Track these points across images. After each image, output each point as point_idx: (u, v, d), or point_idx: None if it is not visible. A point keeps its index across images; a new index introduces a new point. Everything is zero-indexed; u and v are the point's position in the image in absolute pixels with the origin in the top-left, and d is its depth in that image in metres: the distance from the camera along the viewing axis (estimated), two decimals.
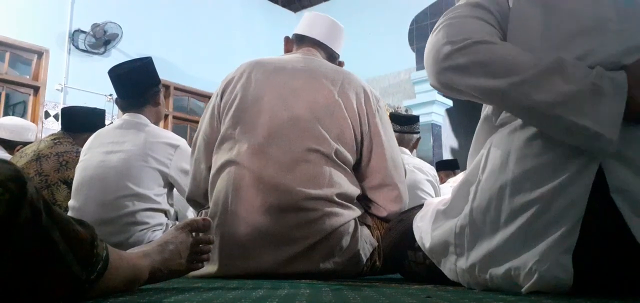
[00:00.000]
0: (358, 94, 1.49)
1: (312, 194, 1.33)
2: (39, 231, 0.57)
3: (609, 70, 0.84)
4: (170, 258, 0.97)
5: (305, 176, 1.34)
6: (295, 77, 1.47)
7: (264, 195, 1.33)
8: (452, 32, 0.93)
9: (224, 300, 0.77)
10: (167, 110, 5.83)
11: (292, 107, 1.41)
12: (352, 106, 1.46)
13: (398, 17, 6.21)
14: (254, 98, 1.44)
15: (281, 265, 1.32)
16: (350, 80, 1.50)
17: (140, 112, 2.06)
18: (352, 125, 1.44)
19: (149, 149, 1.93)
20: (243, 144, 1.39)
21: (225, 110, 1.48)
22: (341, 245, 1.35)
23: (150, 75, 2.13)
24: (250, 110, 1.43)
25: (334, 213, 1.35)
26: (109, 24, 5.21)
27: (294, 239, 1.32)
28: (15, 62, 5.18)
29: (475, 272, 0.93)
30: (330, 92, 1.44)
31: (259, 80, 1.47)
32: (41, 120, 4.87)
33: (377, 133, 1.49)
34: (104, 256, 0.72)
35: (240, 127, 1.42)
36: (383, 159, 1.48)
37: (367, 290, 0.95)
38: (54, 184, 2.20)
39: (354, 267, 1.39)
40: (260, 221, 1.33)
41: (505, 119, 0.95)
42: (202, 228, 1.05)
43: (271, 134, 1.38)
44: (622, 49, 0.87)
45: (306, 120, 1.39)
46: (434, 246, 1.04)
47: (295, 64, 1.52)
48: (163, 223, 1.94)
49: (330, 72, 1.51)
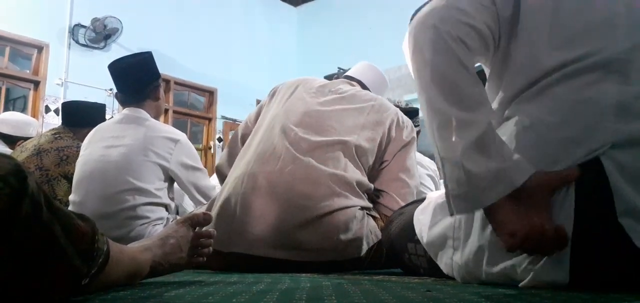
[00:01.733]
0: (392, 119, 1.58)
1: (326, 171, 1.40)
2: (40, 225, 0.57)
3: (616, 66, 0.84)
4: (171, 252, 0.97)
5: (322, 159, 1.43)
6: (330, 99, 1.61)
7: (274, 200, 1.40)
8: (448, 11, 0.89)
9: (224, 293, 0.78)
10: (167, 104, 5.83)
11: (323, 125, 1.52)
12: (383, 122, 1.56)
13: (398, 11, 6.20)
14: (290, 110, 1.57)
15: (283, 236, 1.36)
16: (386, 105, 1.62)
17: (141, 106, 2.06)
18: (378, 137, 1.53)
19: (150, 143, 1.93)
20: (264, 144, 1.50)
21: (262, 110, 1.68)
22: (347, 225, 1.38)
23: (150, 69, 2.13)
24: (283, 121, 1.54)
25: (343, 195, 1.40)
26: (109, 18, 5.21)
27: (297, 206, 1.37)
28: (16, 56, 5.18)
29: (471, 267, 0.93)
30: (363, 108, 1.57)
31: (297, 97, 1.62)
32: (41, 115, 4.87)
33: (401, 149, 1.58)
34: (104, 250, 0.72)
35: (264, 125, 1.58)
36: (402, 168, 1.58)
37: (368, 284, 0.95)
38: (54, 179, 2.20)
39: (355, 250, 1.40)
40: (265, 200, 1.39)
41: (509, 113, 0.94)
42: (203, 223, 1.06)
43: (295, 147, 1.46)
44: (630, 45, 0.87)
45: (332, 142, 1.48)
46: (432, 239, 1.04)
47: (332, 89, 1.66)
48: (164, 218, 1.95)
49: (366, 95, 1.66)
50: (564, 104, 0.86)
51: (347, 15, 6.72)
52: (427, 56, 0.88)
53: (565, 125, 0.84)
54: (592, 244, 0.82)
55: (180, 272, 1.13)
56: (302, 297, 0.74)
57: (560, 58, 0.88)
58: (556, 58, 0.88)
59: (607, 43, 0.87)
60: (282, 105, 1.61)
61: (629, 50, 0.86)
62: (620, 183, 0.79)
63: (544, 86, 0.89)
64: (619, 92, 0.84)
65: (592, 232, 0.82)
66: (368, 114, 1.57)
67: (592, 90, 0.85)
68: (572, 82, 0.86)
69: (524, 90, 0.91)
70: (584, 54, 0.87)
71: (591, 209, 0.81)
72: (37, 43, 4.96)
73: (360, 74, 1.83)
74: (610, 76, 0.85)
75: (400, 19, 7.10)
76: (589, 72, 0.86)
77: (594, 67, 0.86)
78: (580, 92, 0.85)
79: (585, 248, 0.82)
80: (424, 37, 0.89)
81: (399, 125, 1.60)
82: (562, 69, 0.88)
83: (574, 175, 0.80)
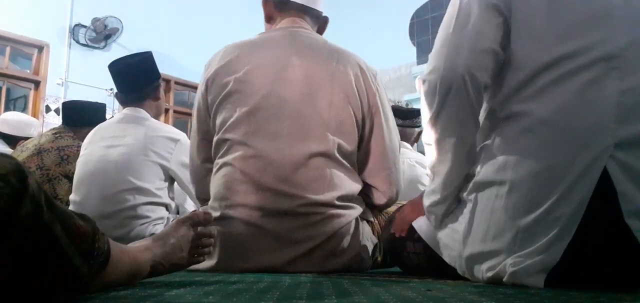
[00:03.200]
0: (355, 73, 1.39)
1: (313, 200, 1.29)
2: (40, 225, 0.57)
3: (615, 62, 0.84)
4: (171, 252, 0.97)
5: (305, 181, 1.29)
6: (287, 64, 1.37)
7: (262, 199, 1.30)
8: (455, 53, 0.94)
9: (225, 293, 0.78)
10: (168, 104, 5.83)
11: (288, 104, 1.33)
12: (351, 89, 1.37)
13: (399, 10, 6.20)
14: (246, 93, 1.35)
15: (281, 267, 1.29)
16: (345, 59, 1.40)
17: (141, 106, 2.07)
18: (352, 112, 1.37)
19: (150, 143, 1.93)
20: (239, 147, 1.33)
21: (215, 105, 1.39)
22: (342, 246, 1.32)
23: (150, 69, 2.13)
24: (245, 110, 1.35)
25: (336, 215, 1.31)
26: (110, 18, 5.21)
27: (294, 241, 1.29)
28: (16, 56, 5.18)
29: (472, 262, 0.94)
30: (326, 78, 1.36)
31: (252, 74, 1.36)
32: (42, 115, 4.87)
33: (377, 113, 1.42)
34: (105, 249, 0.72)
35: (235, 127, 1.35)
36: (382, 140, 1.42)
37: (368, 283, 0.95)
38: (55, 178, 2.20)
39: (358, 265, 1.38)
40: (260, 222, 1.29)
41: (511, 114, 0.93)
42: (203, 222, 1.06)
43: (269, 138, 1.32)
44: (627, 40, 0.85)
45: (305, 117, 1.32)
46: (434, 234, 1.05)
47: (284, 44, 1.40)
48: (164, 217, 1.95)
49: (323, 51, 1.40)
50: (566, 106, 0.85)
51: (347, 14, 6.71)
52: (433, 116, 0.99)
53: (568, 129, 0.84)
54: (596, 245, 0.82)
55: (181, 272, 1.13)
56: (302, 296, 0.73)
57: (559, 51, 0.87)
58: (554, 52, 0.87)
59: (606, 35, 0.86)
60: (244, 117, 1.38)
61: (628, 44, 0.85)
62: (625, 184, 0.80)
63: (544, 84, 0.88)
64: (619, 92, 0.83)
65: (595, 233, 0.82)
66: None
67: (593, 91, 0.84)
68: (573, 81, 0.85)
69: (523, 87, 0.90)
70: (583, 47, 0.86)
71: (595, 211, 0.81)
72: (38, 43, 4.96)
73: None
74: (611, 73, 0.84)
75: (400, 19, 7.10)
76: (588, 69, 0.85)
77: (593, 63, 0.85)
78: (581, 93, 0.85)
79: (588, 249, 0.82)
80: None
81: (366, 77, 1.41)
82: (561, 63, 0.87)
83: None
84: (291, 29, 1.46)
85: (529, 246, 0.85)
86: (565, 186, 0.82)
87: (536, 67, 0.89)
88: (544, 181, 0.84)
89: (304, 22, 1.50)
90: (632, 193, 0.79)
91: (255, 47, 1.42)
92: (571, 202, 0.82)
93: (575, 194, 0.82)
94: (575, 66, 0.86)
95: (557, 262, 0.83)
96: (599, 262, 0.84)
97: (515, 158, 0.88)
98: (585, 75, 0.85)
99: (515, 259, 0.86)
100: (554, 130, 0.85)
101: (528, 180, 0.85)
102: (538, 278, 0.83)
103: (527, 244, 0.85)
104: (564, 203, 0.82)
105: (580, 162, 0.82)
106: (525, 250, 0.85)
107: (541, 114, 0.87)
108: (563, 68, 0.86)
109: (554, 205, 0.83)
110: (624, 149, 0.81)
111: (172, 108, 6.04)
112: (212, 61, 1.45)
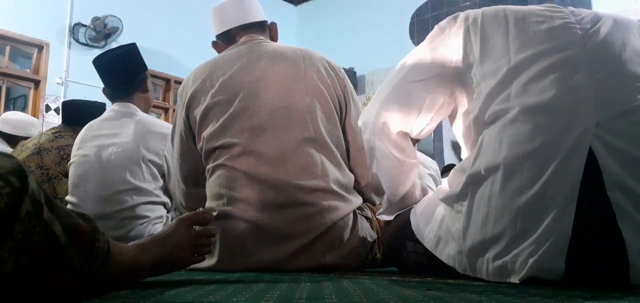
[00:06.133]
0: (324, 66, 1.48)
1: (307, 185, 1.33)
2: (40, 224, 0.57)
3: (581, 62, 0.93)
4: (171, 251, 0.97)
5: (296, 168, 1.34)
6: (258, 67, 1.44)
7: (257, 192, 1.33)
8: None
9: (225, 293, 0.78)
10: (168, 103, 5.83)
11: (266, 100, 1.39)
12: (323, 78, 1.45)
13: (399, 10, 6.19)
14: (225, 102, 1.42)
15: (281, 262, 1.32)
16: (311, 55, 1.49)
17: (130, 100, 2.03)
18: (328, 98, 1.43)
19: (142, 140, 1.90)
20: (228, 149, 1.38)
21: (197, 123, 1.45)
22: (342, 238, 1.35)
23: (136, 61, 2.08)
24: (228, 114, 1.41)
25: (333, 207, 1.34)
26: (109, 17, 5.20)
27: (293, 235, 1.32)
28: (16, 55, 5.18)
29: (471, 259, 0.95)
30: (297, 72, 1.43)
31: (227, 83, 1.43)
32: (42, 114, 4.87)
33: (349, 99, 1.50)
34: (105, 249, 0.72)
35: (221, 133, 1.40)
36: (356, 125, 1.45)
37: (368, 283, 0.95)
38: (55, 177, 2.20)
39: (355, 259, 1.39)
40: (257, 217, 1.32)
41: (494, 114, 0.96)
42: (203, 221, 1.06)
43: (255, 132, 1.37)
44: (585, 47, 0.94)
45: (284, 108, 1.38)
46: (432, 234, 1.06)
47: (251, 52, 1.48)
48: (163, 216, 1.94)
49: (289, 51, 1.49)
50: (547, 96, 0.91)
51: (347, 14, 6.71)
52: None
53: (552, 114, 0.90)
54: (588, 230, 0.85)
55: (180, 271, 1.13)
56: (302, 296, 0.74)
57: (526, 54, 0.95)
58: (522, 56, 0.96)
59: (569, 42, 0.95)
60: (229, 122, 1.46)
61: (589, 49, 0.94)
62: (607, 159, 0.85)
63: (525, 81, 0.94)
64: (594, 81, 0.90)
65: (591, 214, 0.85)
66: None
67: (570, 80, 0.91)
68: (549, 77, 0.92)
69: (500, 90, 0.96)
70: (549, 49, 0.94)
71: (588, 191, 0.85)
72: (38, 42, 4.95)
73: (239, 17, 1.62)
74: (580, 70, 0.91)
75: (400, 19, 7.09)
76: (561, 69, 0.92)
77: (563, 62, 0.93)
78: (560, 83, 0.91)
79: (583, 238, 0.84)
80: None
81: (334, 69, 1.51)
82: (532, 64, 0.94)
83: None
84: (252, 41, 1.54)
85: (532, 231, 0.86)
86: (556, 164, 0.86)
87: (506, 70, 0.96)
88: (535, 160, 0.88)
89: (258, 35, 1.58)
90: (613, 168, 0.85)
91: (224, 61, 1.50)
92: (564, 181, 0.85)
93: (567, 173, 0.85)
94: (547, 64, 0.93)
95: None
96: (598, 243, 0.85)
97: (505, 145, 0.91)
98: (560, 70, 0.92)
99: (525, 249, 0.86)
100: (539, 116, 0.90)
101: (520, 162, 0.89)
102: (557, 262, 0.84)
103: (530, 230, 0.86)
104: (557, 182, 0.85)
105: (567, 142, 0.86)
106: (530, 238, 0.86)
107: (525, 105, 0.92)
108: (536, 67, 0.94)
109: (548, 183, 0.86)
110: (605, 128, 0.87)
111: (172, 107, 6.03)
112: (186, 86, 1.53)
